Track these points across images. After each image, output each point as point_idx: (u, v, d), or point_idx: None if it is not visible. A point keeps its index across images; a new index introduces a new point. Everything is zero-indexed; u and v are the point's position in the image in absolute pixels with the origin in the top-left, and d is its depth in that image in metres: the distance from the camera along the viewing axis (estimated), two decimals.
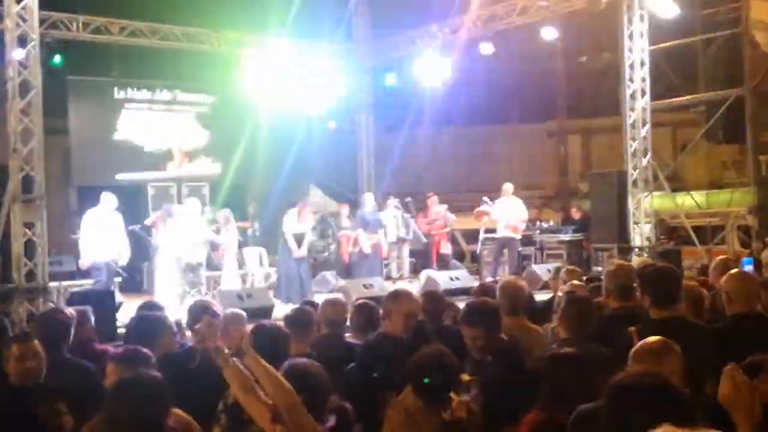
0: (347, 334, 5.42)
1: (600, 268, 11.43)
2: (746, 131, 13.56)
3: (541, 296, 8.25)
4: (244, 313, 5.36)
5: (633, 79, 13.17)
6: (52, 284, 10.64)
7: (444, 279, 11.86)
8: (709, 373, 3.84)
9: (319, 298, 6.77)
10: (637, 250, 12.79)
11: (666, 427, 1.62)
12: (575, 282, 6.30)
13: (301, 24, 16.05)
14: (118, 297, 10.09)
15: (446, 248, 14.88)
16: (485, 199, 13.75)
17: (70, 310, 5.14)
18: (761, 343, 3.68)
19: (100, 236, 10.87)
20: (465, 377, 4.02)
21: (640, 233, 13.13)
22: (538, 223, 16.11)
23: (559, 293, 5.91)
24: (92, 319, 5.46)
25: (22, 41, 10.33)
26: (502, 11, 14.46)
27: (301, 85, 16.24)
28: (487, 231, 14.30)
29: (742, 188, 14.06)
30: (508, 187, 13.65)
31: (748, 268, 6.03)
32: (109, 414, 3.03)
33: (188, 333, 5.21)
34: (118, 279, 11.63)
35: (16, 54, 10.26)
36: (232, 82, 16.48)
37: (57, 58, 13.59)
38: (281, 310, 9.71)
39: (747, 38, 13.33)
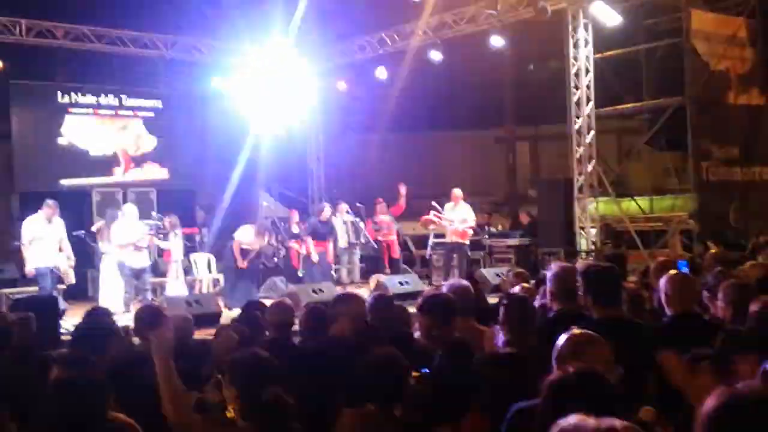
0: (296, 339, 5.41)
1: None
2: (687, 139, 13.90)
3: (490, 300, 8.33)
4: (190, 317, 5.33)
5: (578, 87, 13.43)
6: None
7: (394, 283, 11.90)
8: (650, 370, 3.96)
9: (269, 303, 6.74)
10: (583, 254, 13.01)
11: (576, 416, 1.67)
12: (525, 285, 6.39)
13: (249, 30, 15.99)
14: (63, 304, 9.91)
15: (397, 253, 14.97)
16: (434, 204, 13.87)
17: (11, 316, 5.04)
18: (698, 341, 3.80)
19: (44, 242, 10.69)
20: (414, 374, 4.07)
21: (586, 237, 13.38)
22: (486, 228, 16.29)
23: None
24: (34, 325, 5.35)
25: None
26: (451, 19, 14.63)
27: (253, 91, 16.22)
28: (437, 236, 14.41)
29: (684, 194, 14.41)
30: (456, 192, 13.77)
31: (684, 270, 6.18)
32: (45, 414, 3.00)
33: (136, 339, 5.15)
34: (63, 286, 11.43)
35: None
36: (179, 86, 16.36)
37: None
38: (229, 315, 9.64)
39: (688, 48, 13.67)
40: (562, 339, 3.17)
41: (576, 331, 3.22)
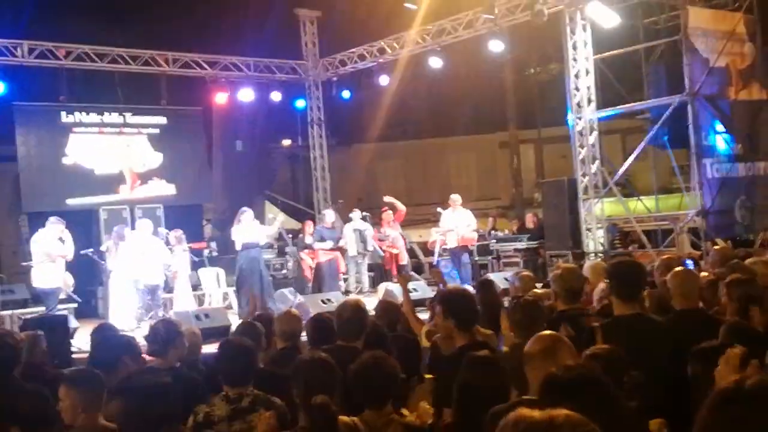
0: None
1: None
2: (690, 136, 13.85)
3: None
4: (198, 331, 5.38)
5: (578, 88, 13.45)
6: (4, 312, 10.48)
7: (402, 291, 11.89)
8: (666, 364, 3.94)
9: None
10: (591, 255, 13.00)
11: (520, 409, 1.69)
12: (537, 290, 6.39)
13: (252, 43, 16.12)
14: (73, 322, 9.97)
15: (404, 261, 14.98)
16: (439, 209, 13.97)
17: (21, 334, 5.08)
18: (702, 335, 3.80)
19: (54, 261, 10.77)
20: (428, 377, 4.15)
21: (593, 239, 13.37)
22: (493, 232, 16.29)
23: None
24: (44, 343, 5.39)
25: None
26: (449, 25, 14.70)
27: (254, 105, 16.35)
28: (443, 242, 14.45)
29: (690, 192, 14.36)
30: (455, 198, 13.84)
31: (689, 267, 6.19)
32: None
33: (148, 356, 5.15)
34: (73, 305, 11.48)
35: None
36: (182, 102, 16.46)
37: (1, 86, 13.44)
38: None
39: (687, 45, 13.65)
40: (530, 340, 3.18)
41: (543, 332, 3.25)
